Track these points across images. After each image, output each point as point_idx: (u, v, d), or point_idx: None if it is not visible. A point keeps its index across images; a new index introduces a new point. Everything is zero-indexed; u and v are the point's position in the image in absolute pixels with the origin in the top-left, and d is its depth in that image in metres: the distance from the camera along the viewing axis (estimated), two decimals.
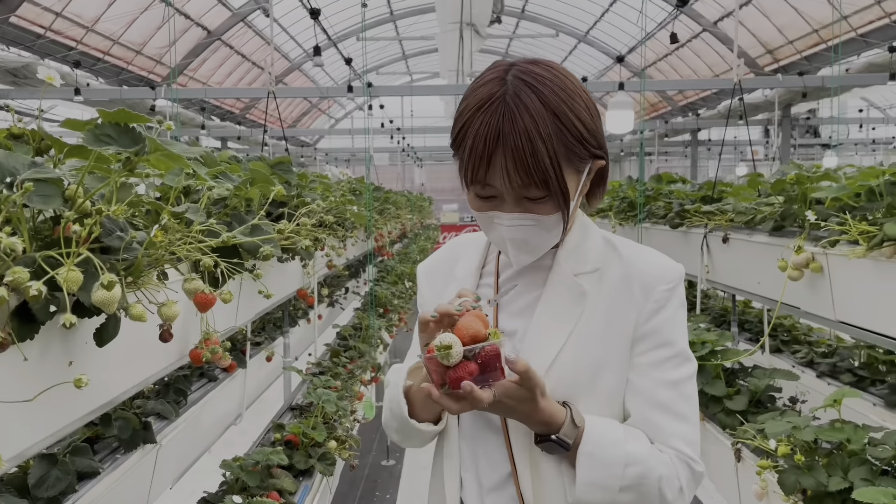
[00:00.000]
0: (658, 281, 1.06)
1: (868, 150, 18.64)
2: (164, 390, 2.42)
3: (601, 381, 1.05)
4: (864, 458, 1.61)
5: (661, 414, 1.03)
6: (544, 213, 1.00)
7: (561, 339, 1.05)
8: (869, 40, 9.32)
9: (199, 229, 1.36)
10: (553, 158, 0.96)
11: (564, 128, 0.97)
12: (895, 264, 1.81)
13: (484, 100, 0.98)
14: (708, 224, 2.99)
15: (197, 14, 11.39)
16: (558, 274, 1.09)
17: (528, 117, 0.96)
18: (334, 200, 2.98)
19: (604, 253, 1.10)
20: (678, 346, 1.06)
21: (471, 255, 1.20)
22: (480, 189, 1.02)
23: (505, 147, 0.95)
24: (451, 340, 0.90)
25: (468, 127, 0.99)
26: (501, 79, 1.00)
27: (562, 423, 1.00)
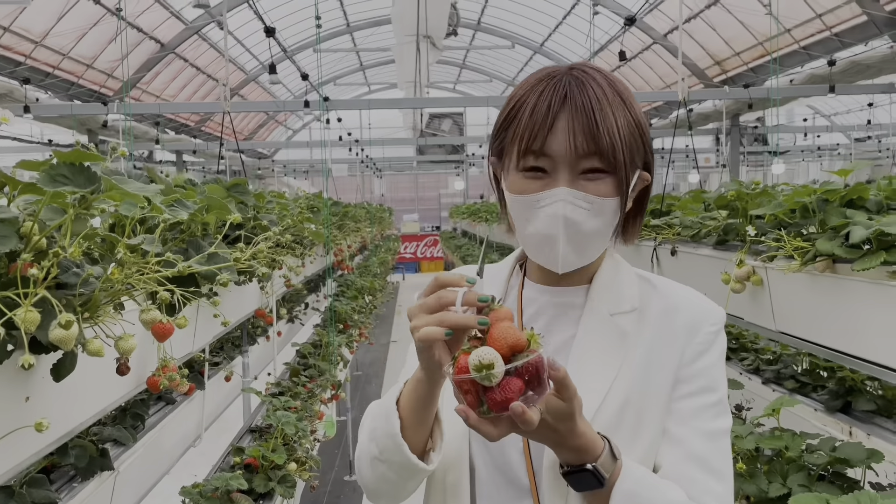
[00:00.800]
0: (703, 322, 0.98)
1: (814, 157, 19.25)
2: (122, 416, 2.41)
3: (643, 431, 0.95)
4: (801, 464, 1.70)
5: (698, 468, 0.93)
6: (602, 193, 0.91)
7: (604, 385, 0.94)
8: (811, 52, 9.67)
9: (157, 260, 1.38)
10: (622, 127, 0.90)
11: (628, 109, 0.92)
12: (827, 278, 1.91)
13: (543, 77, 0.93)
14: (657, 237, 3.09)
15: (149, 27, 11.25)
16: (594, 312, 0.99)
17: (595, 86, 0.91)
18: (292, 220, 3.00)
19: (640, 291, 1.01)
20: (719, 393, 0.97)
21: (489, 288, 1.04)
22: (533, 160, 0.91)
23: (573, 107, 0.89)
24: (493, 357, 0.75)
25: (527, 98, 0.92)
26: (556, 69, 0.95)
27: (599, 452, 0.86)
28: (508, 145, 0.94)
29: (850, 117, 17.16)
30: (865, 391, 2.38)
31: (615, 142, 0.89)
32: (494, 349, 0.76)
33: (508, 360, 0.76)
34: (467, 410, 0.78)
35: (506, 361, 0.76)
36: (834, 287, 1.91)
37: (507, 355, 0.76)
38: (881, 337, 1.77)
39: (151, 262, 1.32)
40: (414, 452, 0.92)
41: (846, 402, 2.40)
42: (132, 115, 11.01)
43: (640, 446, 0.94)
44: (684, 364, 0.96)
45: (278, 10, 12.73)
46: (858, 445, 1.68)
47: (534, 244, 0.96)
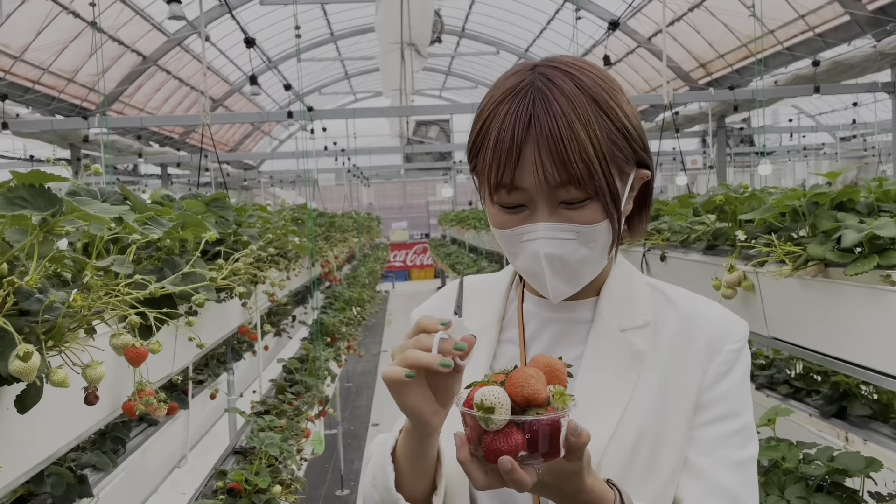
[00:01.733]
0: (725, 338, 0.88)
1: (800, 157, 19.37)
2: (101, 440, 2.34)
3: (660, 463, 0.85)
4: (798, 475, 1.66)
5: (722, 503, 0.84)
6: (587, 221, 0.81)
7: (617, 411, 0.85)
8: (795, 53, 9.71)
9: (127, 282, 1.33)
10: (597, 148, 0.79)
11: (606, 116, 0.80)
12: (819, 283, 1.88)
13: (510, 89, 0.82)
14: (646, 243, 3.06)
15: (131, 40, 11.18)
16: (602, 329, 0.89)
17: (563, 99, 0.79)
18: (274, 233, 2.94)
19: (654, 302, 0.92)
20: (745, 418, 0.88)
21: (487, 301, 0.98)
22: (507, 195, 0.82)
23: (539, 133, 0.78)
24: (498, 400, 0.69)
25: (492, 119, 0.82)
26: (529, 69, 0.84)
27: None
28: (480, 174, 0.85)
29: (835, 116, 17.28)
30: (860, 396, 2.35)
31: (591, 166, 0.78)
32: (509, 393, 0.70)
33: (523, 411, 0.70)
34: (463, 444, 0.72)
35: (521, 411, 0.70)
36: (826, 292, 1.87)
37: (521, 404, 0.70)
38: (875, 342, 1.74)
39: (121, 284, 1.26)
40: (415, 500, 0.85)
41: (841, 407, 2.36)
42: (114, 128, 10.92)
43: (658, 479, 0.86)
44: (705, 387, 0.87)
45: (261, 20, 12.69)
46: (856, 455, 1.64)
47: (525, 275, 0.89)
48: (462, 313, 0.85)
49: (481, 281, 1.03)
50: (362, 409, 7.79)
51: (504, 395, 0.69)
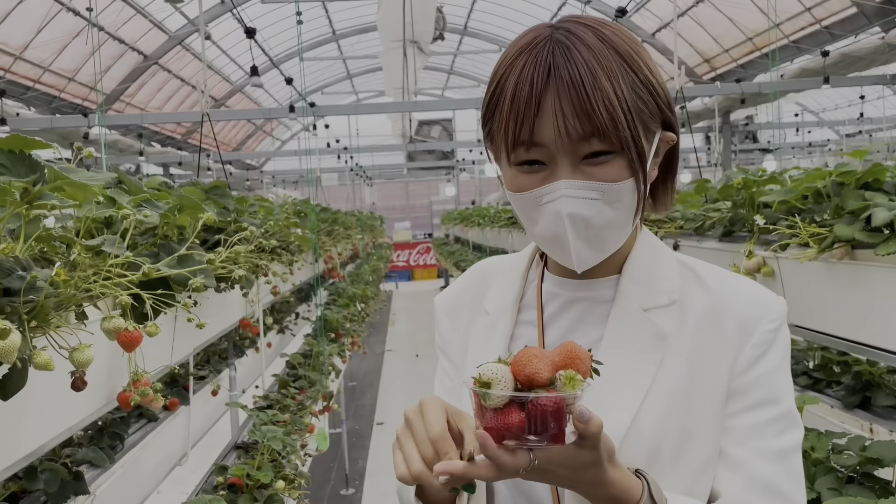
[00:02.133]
0: (759, 319, 0.82)
1: (805, 154, 19.27)
2: (98, 435, 2.26)
3: (689, 453, 0.80)
4: (829, 465, 1.58)
5: (764, 496, 0.79)
6: (612, 178, 0.76)
7: (637, 396, 0.80)
8: (801, 46, 9.63)
9: (118, 262, 1.25)
10: (620, 97, 0.74)
11: (630, 68, 0.76)
12: (846, 266, 1.80)
13: (528, 43, 0.78)
14: (658, 232, 2.97)
15: (132, 38, 11.12)
16: (623, 308, 0.84)
17: (584, 49, 0.75)
18: (276, 223, 2.87)
19: (681, 280, 0.86)
20: (785, 404, 0.81)
21: (505, 284, 0.94)
22: (525, 152, 0.77)
23: (559, 83, 0.74)
24: (497, 376, 0.67)
25: (509, 74, 0.77)
26: (548, 26, 0.80)
27: (637, 499, 0.73)
28: (496, 135, 0.80)
29: (839, 113, 17.17)
30: (885, 385, 2.27)
31: (615, 116, 0.74)
32: (514, 372, 0.67)
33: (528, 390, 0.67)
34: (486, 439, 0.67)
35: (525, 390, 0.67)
36: (853, 274, 1.79)
37: (524, 384, 0.67)
38: None
39: (108, 264, 1.18)
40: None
41: (864, 398, 2.28)
42: (115, 127, 10.87)
43: (688, 471, 0.80)
44: (738, 372, 0.81)
45: (262, 18, 12.62)
46: (890, 444, 1.56)
47: (544, 244, 0.83)
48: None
49: (502, 261, 1.00)
50: (367, 409, 7.72)
51: (505, 372, 0.67)
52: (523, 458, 0.67)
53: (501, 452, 0.66)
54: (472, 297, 0.97)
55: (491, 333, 0.91)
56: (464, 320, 0.96)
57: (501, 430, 0.66)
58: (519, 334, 0.91)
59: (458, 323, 0.97)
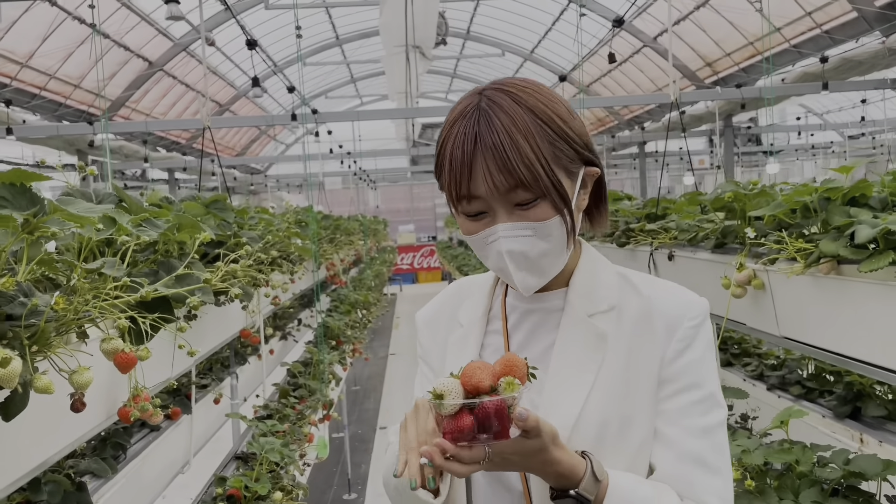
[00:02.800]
0: (682, 318, 0.97)
1: (808, 156, 19.24)
2: (101, 446, 2.30)
3: (629, 435, 0.94)
4: (813, 479, 1.61)
5: (692, 467, 0.93)
6: (541, 217, 0.91)
7: (583, 391, 0.95)
8: (802, 50, 9.63)
9: (117, 285, 1.29)
10: (538, 152, 0.89)
11: (545, 123, 0.91)
12: (832, 280, 1.83)
13: (459, 113, 0.94)
14: (653, 242, 3.00)
15: (137, 45, 11.19)
16: (571, 316, 0.99)
17: (503, 116, 0.90)
18: (276, 234, 2.90)
19: (619, 288, 1.01)
20: (707, 387, 0.96)
21: (475, 299, 1.10)
22: (468, 205, 0.93)
23: (484, 148, 0.89)
24: (448, 389, 0.82)
25: (447, 141, 0.94)
26: (477, 94, 0.96)
27: (581, 476, 0.87)
28: (444, 190, 0.96)
29: (843, 115, 17.14)
30: (875, 396, 2.29)
31: (534, 170, 0.89)
32: (463, 384, 0.82)
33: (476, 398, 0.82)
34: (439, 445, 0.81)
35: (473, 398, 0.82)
36: (839, 289, 1.82)
37: (471, 392, 0.82)
38: (889, 340, 1.69)
39: (108, 287, 1.22)
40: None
41: (855, 408, 2.30)
42: (120, 133, 10.94)
43: (628, 451, 0.94)
44: (666, 363, 0.96)
45: (266, 24, 12.69)
46: (873, 457, 1.59)
47: (494, 271, 0.99)
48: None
49: (474, 280, 1.15)
50: (370, 413, 7.75)
51: (455, 384, 0.82)
52: (479, 452, 0.81)
53: (460, 450, 0.80)
54: (448, 311, 1.12)
55: (465, 342, 1.06)
56: (441, 332, 1.11)
57: (456, 433, 0.81)
58: (488, 342, 1.06)
59: (436, 335, 1.12)
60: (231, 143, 18.91)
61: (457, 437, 0.81)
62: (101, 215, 1.15)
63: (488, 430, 0.81)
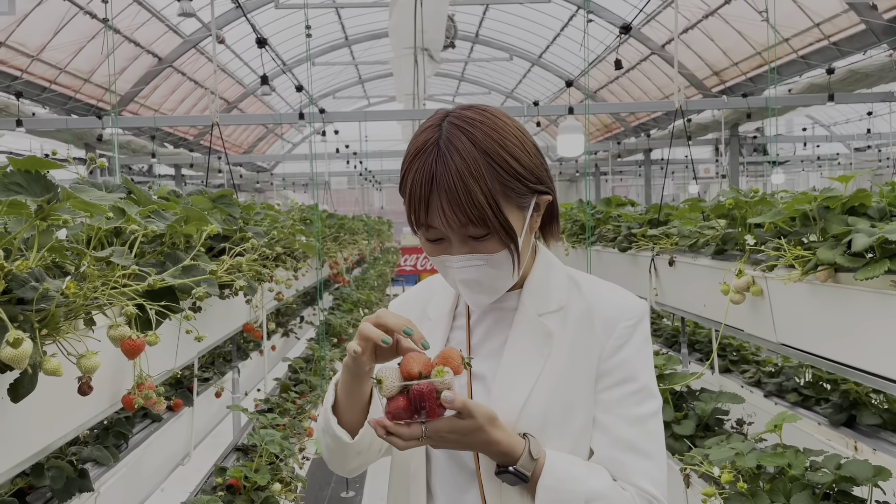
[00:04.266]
0: (619, 318, 1.07)
1: (814, 167, 19.22)
2: (104, 434, 2.33)
3: (570, 422, 1.05)
4: (805, 482, 1.63)
5: (625, 451, 1.03)
6: (491, 251, 1.01)
7: (529, 381, 1.05)
8: (809, 62, 9.64)
9: (124, 273, 1.32)
10: (487, 195, 0.98)
11: (497, 165, 0.99)
12: (829, 288, 1.85)
13: (420, 146, 1.01)
14: (654, 247, 3.03)
15: (147, 41, 11.25)
16: (523, 315, 1.09)
17: (458, 158, 0.98)
18: (281, 231, 2.93)
19: (567, 290, 1.11)
20: (641, 381, 1.06)
21: (443, 296, 1.19)
22: (426, 232, 1.03)
23: (439, 188, 0.97)
24: (385, 374, 0.92)
25: (408, 173, 1.02)
26: (437, 126, 1.03)
27: (520, 454, 0.99)
28: (406, 211, 1.04)
29: (850, 127, 17.13)
30: (870, 405, 2.31)
31: (483, 211, 0.97)
32: (402, 370, 0.93)
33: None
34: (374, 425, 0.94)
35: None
36: (836, 297, 1.84)
37: (410, 377, 0.93)
38: (885, 348, 1.71)
39: (116, 274, 1.25)
40: (349, 428, 1.06)
41: (850, 416, 2.32)
42: (129, 129, 11.00)
43: (570, 436, 1.04)
44: (604, 359, 1.05)
45: (276, 24, 12.74)
46: (865, 463, 1.61)
47: (451, 286, 1.09)
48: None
49: (442, 279, 1.21)
50: None
51: (392, 370, 0.93)
52: (416, 430, 0.93)
53: (398, 427, 0.93)
54: (421, 304, 1.22)
55: (432, 335, 1.13)
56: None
57: (393, 412, 0.93)
58: (453, 337, 1.16)
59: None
60: (238, 140, 18.98)
61: (395, 416, 0.93)
62: (113, 204, 1.18)
63: (422, 411, 0.92)
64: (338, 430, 1.06)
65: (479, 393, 1.08)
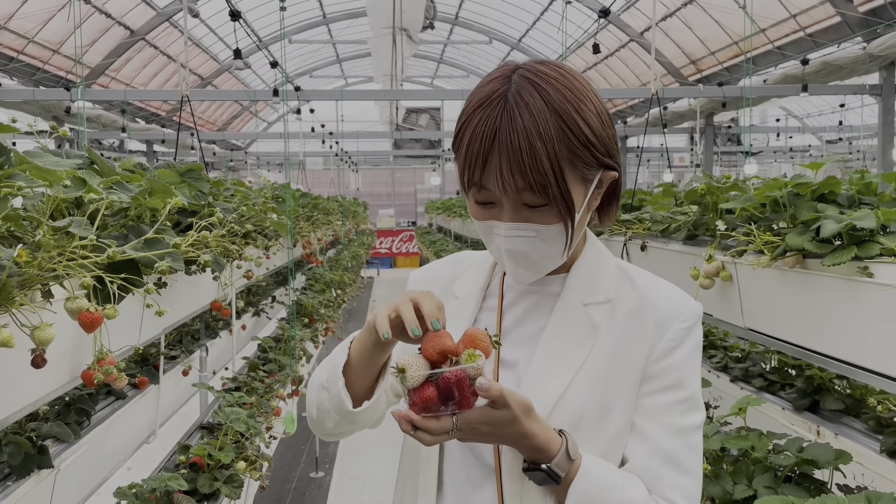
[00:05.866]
0: (675, 318, 0.97)
1: (787, 158, 19.47)
2: (65, 411, 2.29)
3: (607, 424, 0.95)
4: (767, 465, 1.64)
5: (663, 463, 0.93)
6: (545, 222, 0.91)
7: (567, 375, 0.95)
8: (785, 53, 9.72)
9: (83, 244, 1.28)
10: (553, 161, 0.88)
11: (568, 129, 0.89)
12: (797, 274, 1.86)
13: (485, 97, 0.91)
14: (627, 232, 3.04)
15: (119, 13, 11.00)
16: (567, 302, 0.99)
17: (527, 115, 0.88)
18: (251, 208, 2.89)
19: (618, 281, 1.01)
20: (690, 389, 0.96)
21: (475, 273, 1.09)
22: (477, 193, 0.93)
23: (500, 146, 0.88)
24: (410, 363, 0.81)
25: (467, 125, 0.92)
26: (507, 77, 0.92)
27: (556, 452, 0.88)
28: (459, 166, 0.95)
29: (822, 119, 17.36)
30: (833, 390, 2.35)
31: (546, 179, 0.88)
32: (425, 355, 0.82)
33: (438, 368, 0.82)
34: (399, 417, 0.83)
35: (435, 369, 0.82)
36: (803, 283, 1.86)
37: (438, 360, 0.82)
38: (850, 334, 1.73)
39: (72, 246, 1.21)
40: (353, 392, 0.96)
41: (814, 401, 2.36)
42: (99, 102, 10.77)
43: (604, 438, 0.95)
44: (653, 360, 0.96)
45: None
46: (826, 446, 1.63)
47: (493, 256, 1.01)
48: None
49: (475, 255, 1.14)
50: None
51: (416, 357, 0.82)
52: (447, 422, 0.82)
53: (426, 420, 0.81)
54: (444, 281, 1.11)
55: (458, 315, 1.05)
56: None
57: (421, 404, 0.81)
58: (482, 318, 1.05)
59: None
60: (213, 117, 18.70)
61: (422, 408, 0.81)
62: (70, 173, 1.13)
63: (452, 401, 0.81)
64: (343, 394, 0.95)
65: (508, 381, 0.97)
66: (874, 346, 1.66)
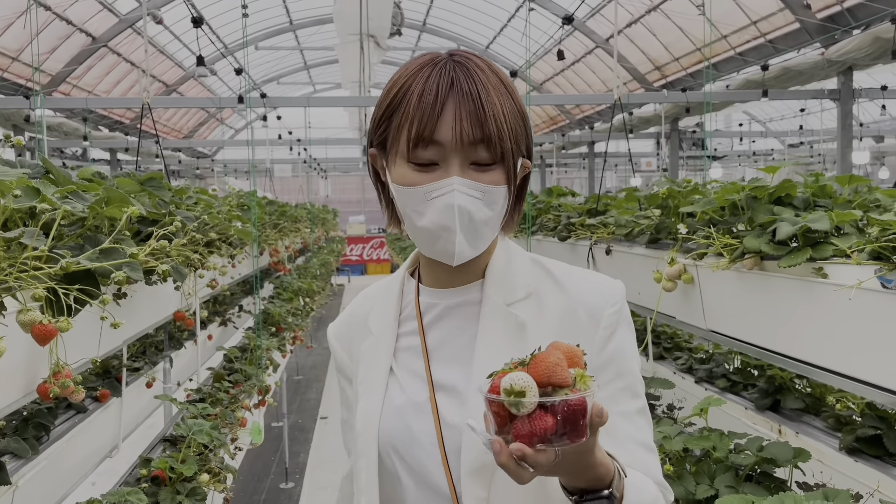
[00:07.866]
0: (604, 305, 0.95)
1: (751, 162, 19.82)
2: (23, 426, 2.23)
3: None
4: (728, 464, 1.67)
5: (642, 450, 0.93)
6: (493, 182, 0.88)
7: None
8: (747, 59, 9.90)
9: (36, 255, 1.25)
10: (508, 115, 0.88)
11: (511, 95, 0.90)
12: (756, 275, 1.89)
13: (426, 62, 0.91)
14: (592, 236, 3.06)
15: (80, 19, 10.81)
16: (489, 306, 0.96)
17: (480, 71, 0.89)
18: (215, 217, 2.85)
19: (534, 275, 0.99)
20: (633, 371, 0.96)
21: (384, 304, 1.04)
22: (423, 151, 0.87)
23: (460, 93, 0.86)
24: (526, 384, 0.71)
25: (411, 84, 0.89)
26: (438, 55, 0.93)
27: (612, 475, 0.82)
28: (394, 134, 0.90)
29: (784, 123, 17.71)
30: (794, 389, 2.39)
31: (501, 129, 0.87)
32: (533, 376, 0.72)
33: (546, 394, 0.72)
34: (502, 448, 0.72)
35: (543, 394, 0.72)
36: (761, 284, 1.89)
37: (543, 385, 0.72)
38: (808, 334, 1.76)
39: (25, 256, 1.19)
40: None
41: (775, 401, 2.40)
42: (60, 110, 10.57)
43: None
44: (594, 353, 0.92)
45: (218, 5, 12.42)
46: (785, 445, 1.66)
47: (426, 237, 0.92)
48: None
49: (379, 286, 1.10)
50: (311, 402, 7.70)
51: (531, 379, 0.71)
52: (551, 455, 0.73)
53: (537, 454, 0.71)
54: (358, 320, 1.06)
55: (376, 349, 1.01)
56: (355, 342, 1.05)
57: (535, 435, 0.70)
58: (403, 345, 1.00)
59: (350, 346, 1.07)
60: (178, 125, 18.46)
61: (541, 439, 0.71)
62: (21, 182, 1.11)
63: (566, 431, 0.72)
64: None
65: (450, 406, 0.92)
66: (830, 345, 1.69)
